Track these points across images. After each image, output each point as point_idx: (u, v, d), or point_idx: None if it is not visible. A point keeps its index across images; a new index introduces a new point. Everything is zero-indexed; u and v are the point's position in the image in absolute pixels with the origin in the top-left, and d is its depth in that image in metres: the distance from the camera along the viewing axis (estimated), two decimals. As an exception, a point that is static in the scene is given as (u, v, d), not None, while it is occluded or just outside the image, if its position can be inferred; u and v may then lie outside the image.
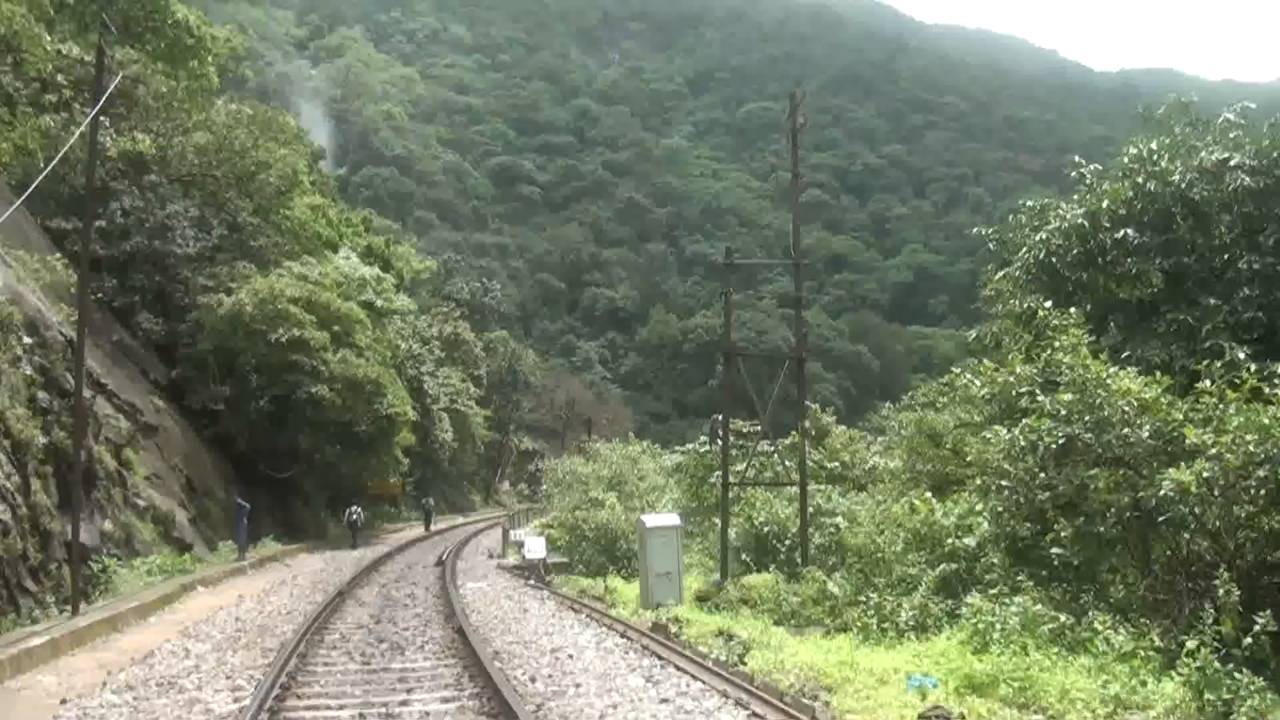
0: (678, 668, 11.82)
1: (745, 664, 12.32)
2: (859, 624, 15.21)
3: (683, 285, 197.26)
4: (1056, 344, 14.02)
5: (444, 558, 31.59)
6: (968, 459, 24.25)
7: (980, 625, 11.88)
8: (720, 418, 27.07)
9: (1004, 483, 13.66)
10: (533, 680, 11.39)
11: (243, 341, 39.12)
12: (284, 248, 47.36)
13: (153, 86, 39.49)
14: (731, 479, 24.60)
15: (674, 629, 14.90)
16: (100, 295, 36.11)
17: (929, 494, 20.58)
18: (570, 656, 12.86)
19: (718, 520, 26.40)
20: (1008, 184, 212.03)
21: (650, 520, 19.84)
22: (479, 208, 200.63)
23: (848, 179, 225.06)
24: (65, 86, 36.79)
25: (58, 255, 31.65)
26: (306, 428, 40.12)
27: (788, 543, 23.67)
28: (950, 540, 17.75)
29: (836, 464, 30.95)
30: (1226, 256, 18.71)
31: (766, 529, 24.46)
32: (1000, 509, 14.12)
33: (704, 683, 10.94)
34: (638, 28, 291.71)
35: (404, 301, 60.32)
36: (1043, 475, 13.13)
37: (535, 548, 30.04)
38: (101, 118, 38.29)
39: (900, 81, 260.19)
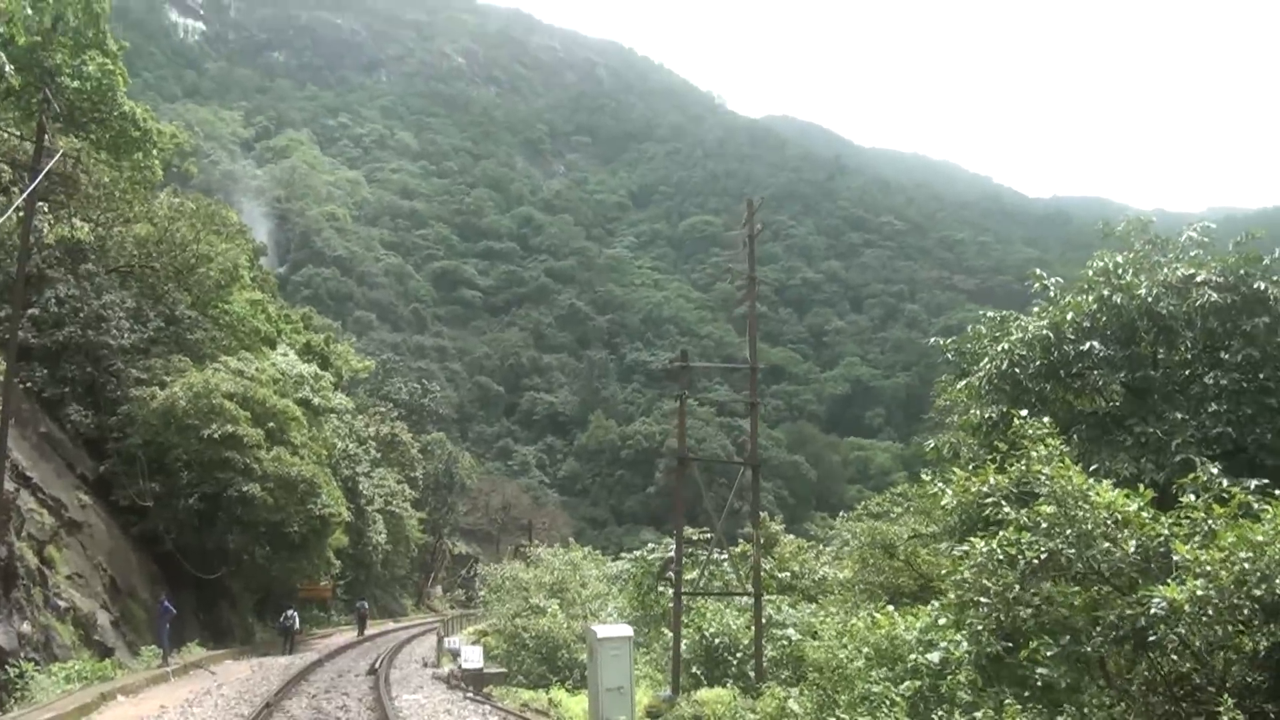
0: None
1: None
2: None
3: (622, 392, 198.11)
4: (1034, 454, 13.56)
5: (377, 666, 30.10)
6: (927, 572, 23.82)
7: (969, 756, 11.10)
8: (671, 553, 26.22)
9: (983, 599, 13.01)
10: None
11: (175, 436, 37.96)
12: (221, 342, 46.34)
13: (95, 175, 38.80)
14: (683, 588, 23.78)
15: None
16: (30, 385, 35.14)
17: (889, 607, 19.87)
18: None
19: (666, 630, 25.52)
20: (942, 301, 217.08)
21: (601, 631, 18.86)
22: (419, 310, 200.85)
23: (787, 293, 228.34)
24: (4, 171, 36.04)
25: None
26: (237, 527, 38.65)
27: (740, 655, 22.85)
28: (914, 656, 17.07)
29: (787, 574, 30.27)
30: (1189, 372, 18.59)
31: (718, 640, 23.61)
32: (979, 626, 13.43)
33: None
34: (583, 141, 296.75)
35: (341, 400, 59.15)
36: (1021, 591, 12.53)
37: (472, 657, 28.87)
38: (40, 203, 37.72)
39: (839, 200, 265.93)
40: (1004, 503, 14.27)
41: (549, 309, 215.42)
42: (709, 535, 29.29)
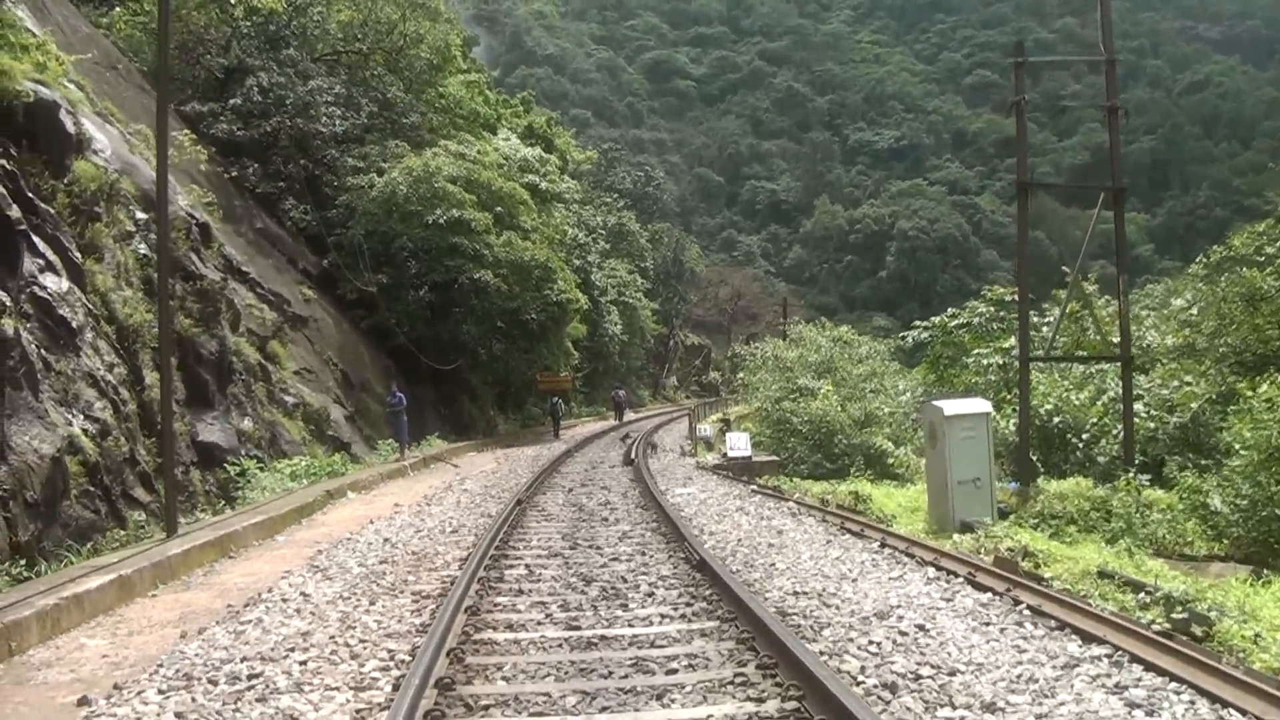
0: (1152, 666, 6.40)
1: (1213, 640, 7.35)
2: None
3: (847, 175, 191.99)
4: None
5: (632, 456, 26.82)
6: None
7: None
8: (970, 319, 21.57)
9: None
10: (890, 688, 6.12)
11: (398, 225, 35.77)
12: (438, 126, 43.46)
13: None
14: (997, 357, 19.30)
15: (1024, 565, 9.83)
16: (234, 176, 33.36)
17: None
18: (921, 629, 7.53)
19: (981, 410, 21.17)
20: (1187, 54, 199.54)
21: (950, 406, 14.32)
22: (634, 104, 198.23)
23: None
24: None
25: (185, 132, 28.21)
26: (471, 317, 36.43)
27: (1086, 436, 18.34)
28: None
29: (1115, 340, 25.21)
30: None
31: (1056, 420, 19.08)
32: None
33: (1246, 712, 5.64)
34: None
35: (569, 184, 55.87)
36: None
37: (739, 444, 25.44)
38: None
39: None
40: None
41: (765, 93, 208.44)
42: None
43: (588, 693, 6.15)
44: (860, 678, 6.34)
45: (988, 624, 7.62)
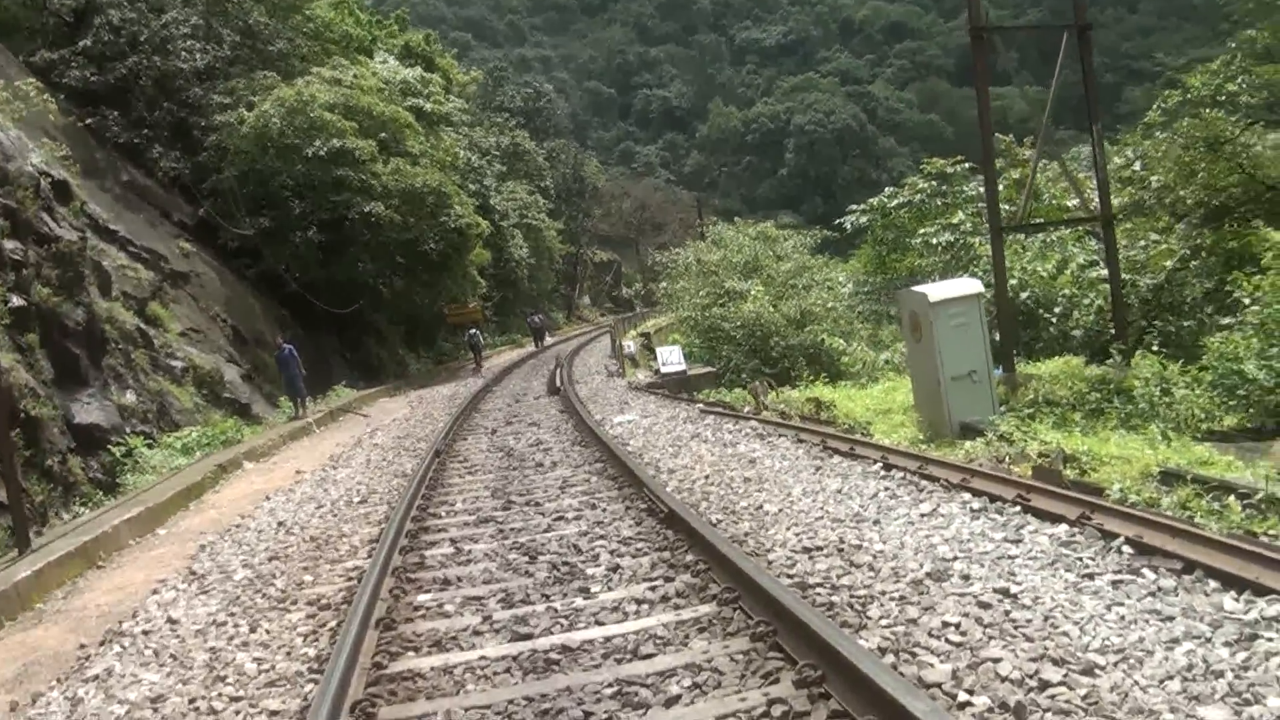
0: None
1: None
2: None
3: (738, 75, 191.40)
4: None
5: (558, 384, 24.62)
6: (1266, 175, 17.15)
7: None
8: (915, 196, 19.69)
9: None
10: (1012, 712, 3.99)
11: (275, 161, 33.07)
12: (308, 53, 40.42)
13: None
14: (946, 234, 17.43)
15: (1068, 473, 7.97)
16: (93, 126, 30.43)
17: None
18: (1005, 594, 5.32)
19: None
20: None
21: (935, 291, 12.19)
22: (515, 21, 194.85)
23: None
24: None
25: (30, 81, 25.33)
26: (366, 253, 34.01)
27: (1057, 310, 16.63)
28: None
29: (1074, 203, 23.60)
30: None
31: (1024, 295, 17.32)
32: None
33: None
34: None
35: (456, 104, 52.88)
36: None
37: (671, 359, 23.61)
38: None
39: None
40: None
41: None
42: (968, 165, 22.71)
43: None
44: (959, 694, 4.20)
45: (1090, 576, 5.51)
